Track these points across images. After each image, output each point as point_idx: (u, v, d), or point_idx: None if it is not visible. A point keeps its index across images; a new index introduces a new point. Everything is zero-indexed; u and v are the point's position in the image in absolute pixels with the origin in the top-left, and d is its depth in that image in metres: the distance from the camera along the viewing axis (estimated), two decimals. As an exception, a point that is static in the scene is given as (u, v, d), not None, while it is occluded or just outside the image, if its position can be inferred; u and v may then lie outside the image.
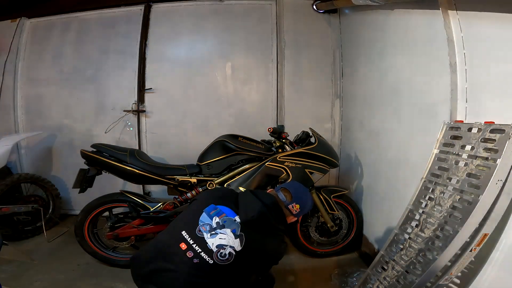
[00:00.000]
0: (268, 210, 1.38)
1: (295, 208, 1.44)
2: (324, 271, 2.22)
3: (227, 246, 1.30)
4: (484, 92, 1.42)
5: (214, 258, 1.28)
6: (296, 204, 1.44)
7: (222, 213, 1.37)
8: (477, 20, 1.43)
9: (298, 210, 1.45)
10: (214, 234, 1.32)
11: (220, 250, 1.29)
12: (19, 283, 2.01)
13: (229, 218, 1.35)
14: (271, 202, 1.41)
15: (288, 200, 1.44)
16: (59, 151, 3.09)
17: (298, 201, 1.45)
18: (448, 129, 1.48)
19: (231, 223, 1.34)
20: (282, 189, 1.49)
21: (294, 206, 1.44)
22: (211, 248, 1.29)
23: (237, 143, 2.22)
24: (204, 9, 3.04)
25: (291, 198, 1.45)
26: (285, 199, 1.44)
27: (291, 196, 1.45)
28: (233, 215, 1.37)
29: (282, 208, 1.44)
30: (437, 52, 1.63)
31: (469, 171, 1.29)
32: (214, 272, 1.28)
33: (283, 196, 1.46)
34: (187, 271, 1.26)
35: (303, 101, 3.05)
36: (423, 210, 1.51)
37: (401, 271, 1.51)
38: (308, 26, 3.02)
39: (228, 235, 1.31)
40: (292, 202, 1.44)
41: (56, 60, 3.06)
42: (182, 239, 1.31)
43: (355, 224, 2.42)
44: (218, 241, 1.30)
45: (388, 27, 2.15)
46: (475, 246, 1.23)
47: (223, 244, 1.30)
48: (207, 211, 1.37)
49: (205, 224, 1.34)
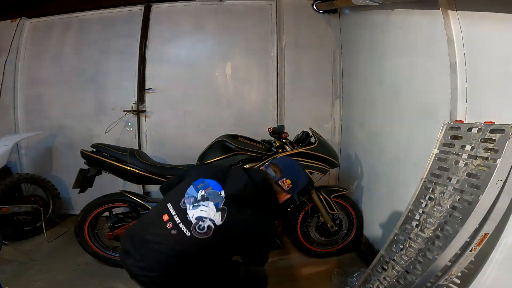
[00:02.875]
0: (255, 185, 1.30)
1: (286, 184, 1.33)
2: (324, 271, 2.22)
3: (206, 219, 1.24)
4: (484, 92, 1.42)
5: (192, 231, 1.23)
6: (287, 179, 1.33)
7: (208, 186, 1.31)
8: (477, 20, 1.43)
9: (290, 185, 1.34)
10: (197, 206, 1.27)
11: (199, 222, 1.24)
12: (19, 283, 2.01)
13: (214, 192, 1.29)
14: (261, 178, 1.33)
15: (278, 175, 1.34)
16: (59, 151, 3.09)
17: (288, 175, 1.34)
18: (448, 129, 1.48)
19: (216, 197, 1.28)
20: (271, 164, 1.39)
21: (285, 181, 1.33)
22: (190, 220, 1.24)
23: (237, 143, 2.21)
24: (204, 9, 3.04)
25: (281, 173, 1.34)
26: (274, 175, 1.34)
27: (281, 171, 1.34)
28: (219, 189, 1.30)
29: (272, 185, 1.34)
30: (437, 52, 1.63)
31: (469, 171, 1.29)
32: (191, 246, 1.23)
33: (272, 171, 1.35)
34: (166, 242, 1.23)
35: (303, 101, 3.05)
36: (423, 210, 1.51)
37: (401, 271, 1.51)
38: (308, 26, 3.02)
39: (210, 208, 1.26)
40: (282, 177, 1.33)
41: (56, 60, 3.06)
42: (166, 211, 1.29)
43: (355, 224, 2.42)
44: (198, 213, 1.25)
45: (388, 27, 2.15)
46: (475, 246, 1.23)
47: (203, 216, 1.24)
48: (195, 184, 1.33)
49: (190, 196, 1.30)
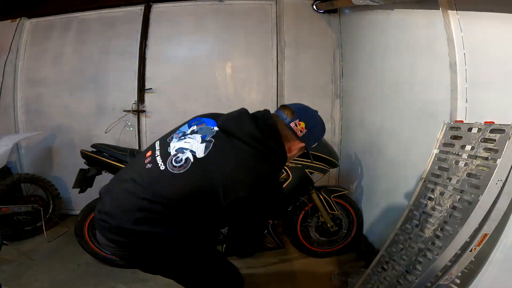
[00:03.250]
0: (254, 118, 1.10)
1: (299, 127, 1.10)
2: (324, 271, 2.22)
3: (187, 150, 1.04)
4: (484, 92, 1.42)
5: (168, 164, 1.03)
6: (300, 121, 1.10)
7: (203, 122, 1.15)
8: (477, 20, 1.43)
9: (304, 130, 1.11)
10: (182, 139, 1.09)
11: (178, 154, 1.04)
12: (19, 283, 2.01)
13: (206, 127, 1.11)
14: (262, 113, 1.15)
15: (290, 117, 1.11)
16: (59, 151, 3.08)
17: (302, 118, 1.11)
18: (448, 129, 1.48)
19: (207, 130, 1.10)
20: (281, 107, 1.17)
21: (298, 123, 1.10)
22: (170, 152, 1.06)
23: (237, 143, 2.22)
24: (204, 9, 3.04)
25: (293, 115, 1.11)
26: (285, 117, 1.12)
27: (293, 113, 1.12)
28: (213, 124, 1.13)
29: (279, 127, 1.11)
30: (437, 52, 1.63)
31: (469, 171, 1.29)
32: (163, 185, 1.02)
33: (282, 113, 1.13)
34: (139, 181, 1.05)
35: (303, 101, 3.02)
36: (423, 210, 1.51)
37: (401, 271, 1.51)
38: (308, 26, 3.02)
39: (196, 139, 1.07)
40: (295, 119, 1.11)
41: (56, 60, 3.06)
42: (151, 148, 1.14)
43: (355, 224, 2.42)
44: (180, 145, 1.07)
45: (388, 27, 2.15)
46: (475, 246, 1.23)
47: (184, 147, 1.05)
48: (190, 122, 1.17)
49: (180, 131, 1.14)
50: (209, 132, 1.08)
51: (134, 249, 1.07)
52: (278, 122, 1.12)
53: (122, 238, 1.04)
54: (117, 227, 1.03)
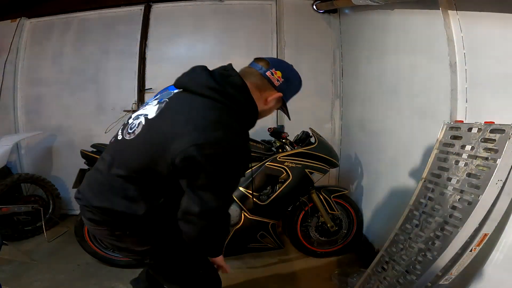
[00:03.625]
0: (211, 72, 1.03)
1: (276, 76, 1.05)
2: (324, 271, 2.22)
3: (141, 115, 1.01)
4: (484, 92, 1.42)
5: (124, 132, 1.03)
6: (277, 71, 1.06)
7: (166, 90, 1.10)
8: (477, 20, 1.43)
9: (281, 79, 1.06)
10: (142, 107, 1.07)
11: (133, 121, 1.02)
12: (19, 283, 2.01)
13: (168, 92, 1.06)
14: (222, 66, 1.10)
15: (265, 67, 1.06)
16: (59, 151, 3.08)
17: (278, 67, 1.07)
18: (448, 129, 1.48)
19: (166, 95, 1.04)
20: (255, 59, 1.11)
21: (274, 72, 1.05)
22: (128, 121, 1.06)
23: (237, 143, 2.22)
24: (204, 9, 3.04)
25: (269, 65, 1.06)
26: (260, 67, 1.06)
27: (268, 63, 1.06)
28: (174, 89, 1.07)
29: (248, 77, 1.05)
30: (437, 52, 1.63)
31: (469, 171, 1.29)
32: (119, 156, 1.01)
33: (256, 64, 1.08)
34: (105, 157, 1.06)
35: (303, 101, 3.04)
36: (423, 210, 1.51)
37: (401, 271, 1.51)
38: (308, 26, 3.02)
39: (152, 104, 1.03)
40: (270, 68, 1.05)
41: (56, 60, 3.06)
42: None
43: (355, 224, 2.41)
44: (137, 113, 1.05)
45: (388, 27, 2.15)
46: (475, 246, 1.23)
47: (139, 114, 1.03)
48: (158, 93, 1.12)
49: (145, 103, 1.11)
50: (166, 95, 1.03)
51: (110, 228, 1.06)
52: (253, 73, 1.06)
53: (96, 216, 1.04)
54: (88, 206, 1.04)
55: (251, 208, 2.12)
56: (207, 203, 0.93)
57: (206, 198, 0.93)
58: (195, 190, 0.93)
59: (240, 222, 2.13)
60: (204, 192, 0.93)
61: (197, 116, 0.93)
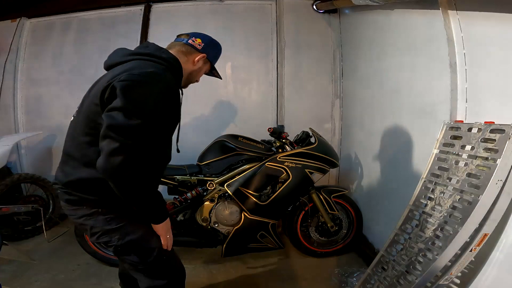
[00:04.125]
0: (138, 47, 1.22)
1: (197, 42, 1.25)
2: (324, 271, 2.22)
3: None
4: (484, 92, 1.42)
5: (76, 112, 1.21)
6: (196, 38, 1.26)
7: None
8: (477, 20, 1.43)
9: (202, 43, 1.26)
10: None
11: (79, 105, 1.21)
12: (19, 283, 2.01)
13: None
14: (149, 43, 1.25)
15: (186, 38, 1.26)
16: (59, 151, 3.02)
17: (197, 36, 1.27)
18: (448, 129, 1.48)
19: None
20: (177, 36, 1.32)
21: (195, 40, 1.25)
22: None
23: (237, 143, 2.22)
24: (204, 9, 3.04)
25: (188, 35, 1.27)
26: (182, 38, 1.27)
27: (188, 34, 1.28)
28: None
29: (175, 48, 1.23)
30: (437, 52, 1.63)
31: (469, 171, 1.29)
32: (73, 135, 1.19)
33: (178, 38, 1.29)
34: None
35: (303, 101, 3.05)
36: (423, 210, 1.51)
37: (401, 271, 1.51)
38: (308, 26, 3.02)
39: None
40: (191, 37, 1.26)
41: (56, 60, 3.06)
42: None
43: (355, 224, 2.42)
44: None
45: (388, 27, 2.15)
46: (475, 246, 1.23)
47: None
48: None
49: None
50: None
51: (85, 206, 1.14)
52: (176, 44, 1.25)
53: (71, 196, 1.15)
54: (61, 185, 1.17)
55: (251, 208, 2.12)
56: (115, 119, 0.97)
57: (115, 115, 0.97)
58: (109, 110, 0.99)
59: (240, 222, 2.13)
60: (117, 112, 0.97)
61: (123, 68, 1.08)
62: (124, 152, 0.96)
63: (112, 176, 0.98)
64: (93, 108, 1.06)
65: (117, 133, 0.95)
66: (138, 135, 0.98)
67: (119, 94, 0.98)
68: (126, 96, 0.98)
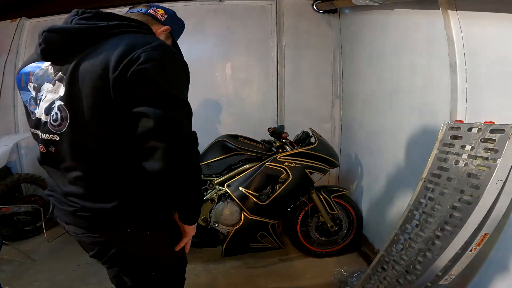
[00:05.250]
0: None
1: (159, 13, 1.08)
2: (324, 271, 2.22)
3: (54, 101, 0.87)
4: (484, 92, 1.42)
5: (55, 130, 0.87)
6: (158, 9, 1.09)
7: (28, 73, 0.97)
8: (477, 20, 1.43)
9: (165, 15, 1.10)
10: (38, 101, 0.91)
11: (49, 113, 0.88)
12: (19, 283, 2.01)
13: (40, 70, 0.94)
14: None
15: (145, 7, 1.09)
16: (59, 151, 3.08)
17: (159, 7, 1.10)
18: (448, 129, 1.48)
19: (44, 73, 0.92)
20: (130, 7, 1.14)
21: (157, 10, 1.08)
22: (42, 120, 0.90)
23: (237, 143, 2.22)
24: (204, 9, 3.03)
25: (148, 6, 1.10)
26: (140, 8, 1.08)
27: (148, 5, 1.11)
28: (41, 64, 0.95)
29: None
30: (437, 52, 1.63)
31: (469, 171, 1.29)
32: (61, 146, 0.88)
33: (134, 9, 1.10)
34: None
35: (303, 101, 3.05)
36: (423, 210, 1.51)
37: (401, 271, 1.51)
38: (308, 26, 3.02)
39: (46, 87, 0.90)
40: (151, 7, 1.09)
41: (56, 60, 3.06)
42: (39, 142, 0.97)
43: (355, 224, 2.42)
44: (43, 106, 0.89)
45: (388, 27, 2.15)
46: (475, 246, 1.23)
47: (48, 105, 0.88)
48: (22, 86, 0.97)
49: (28, 101, 0.95)
50: (53, 71, 0.90)
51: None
52: (132, 14, 1.06)
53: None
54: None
55: (251, 208, 2.12)
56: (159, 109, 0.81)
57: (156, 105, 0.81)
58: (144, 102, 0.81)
59: (240, 222, 2.13)
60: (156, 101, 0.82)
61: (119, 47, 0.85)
62: (181, 146, 0.81)
63: (172, 176, 0.83)
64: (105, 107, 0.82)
65: (167, 125, 0.79)
66: (188, 121, 0.85)
67: (152, 79, 0.80)
68: (162, 79, 0.81)
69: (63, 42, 0.89)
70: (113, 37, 0.87)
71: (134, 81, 0.79)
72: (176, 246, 1.02)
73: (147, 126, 0.79)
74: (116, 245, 0.95)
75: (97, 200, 0.88)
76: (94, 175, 0.88)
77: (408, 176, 1.92)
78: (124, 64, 0.79)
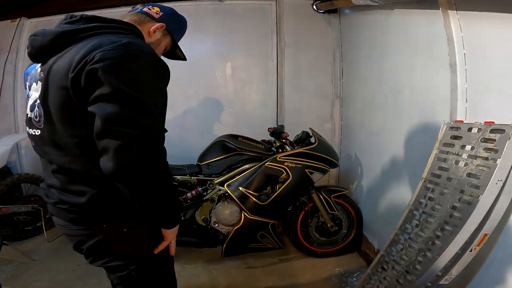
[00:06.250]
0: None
1: (154, 11, 1.07)
2: (324, 271, 2.22)
3: (36, 99, 0.93)
4: (484, 92, 1.42)
5: (37, 125, 0.95)
6: (154, 7, 1.08)
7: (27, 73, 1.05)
8: (477, 20, 1.43)
9: (160, 13, 1.08)
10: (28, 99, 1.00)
11: (33, 110, 0.96)
12: (19, 283, 2.01)
13: (34, 71, 1.00)
14: None
15: (141, 6, 1.09)
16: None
17: (155, 5, 1.10)
18: (448, 129, 1.48)
19: (35, 73, 0.98)
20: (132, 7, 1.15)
21: (152, 8, 1.07)
22: (31, 117, 0.98)
23: (237, 143, 2.22)
24: (204, 9, 3.03)
25: (144, 4, 1.11)
26: (136, 7, 1.09)
27: (144, 4, 1.12)
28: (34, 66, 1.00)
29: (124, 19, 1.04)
30: (437, 52, 1.63)
31: (469, 171, 1.29)
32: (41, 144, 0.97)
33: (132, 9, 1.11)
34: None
35: (303, 101, 3.05)
36: (423, 210, 1.51)
37: (401, 271, 1.51)
38: (308, 26, 3.02)
39: (33, 87, 0.97)
40: (147, 6, 1.08)
41: (56, 60, 3.06)
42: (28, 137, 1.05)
43: (355, 224, 2.42)
44: (29, 103, 0.98)
45: (388, 27, 2.15)
46: (475, 246, 1.23)
47: (32, 102, 0.96)
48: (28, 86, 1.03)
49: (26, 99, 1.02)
50: (37, 75, 0.95)
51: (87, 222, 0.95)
52: (127, 13, 1.07)
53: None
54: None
55: (251, 208, 2.12)
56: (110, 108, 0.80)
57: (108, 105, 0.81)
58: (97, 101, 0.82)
59: (240, 222, 2.13)
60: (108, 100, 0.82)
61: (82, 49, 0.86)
62: (133, 146, 0.79)
63: (125, 178, 0.81)
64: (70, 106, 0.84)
65: (118, 125, 0.78)
66: (142, 122, 0.81)
67: (104, 78, 0.78)
68: (114, 78, 0.78)
69: (44, 45, 0.92)
70: (88, 39, 0.89)
71: (88, 80, 0.80)
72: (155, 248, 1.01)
73: (97, 125, 0.79)
74: (92, 238, 0.96)
75: (71, 193, 0.92)
76: (67, 169, 0.91)
77: (408, 176, 1.92)
78: (81, 65, 0.80)
